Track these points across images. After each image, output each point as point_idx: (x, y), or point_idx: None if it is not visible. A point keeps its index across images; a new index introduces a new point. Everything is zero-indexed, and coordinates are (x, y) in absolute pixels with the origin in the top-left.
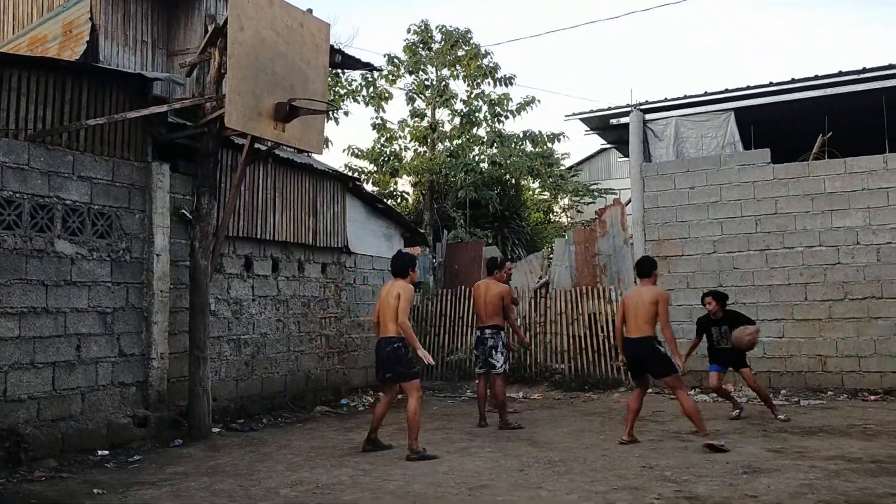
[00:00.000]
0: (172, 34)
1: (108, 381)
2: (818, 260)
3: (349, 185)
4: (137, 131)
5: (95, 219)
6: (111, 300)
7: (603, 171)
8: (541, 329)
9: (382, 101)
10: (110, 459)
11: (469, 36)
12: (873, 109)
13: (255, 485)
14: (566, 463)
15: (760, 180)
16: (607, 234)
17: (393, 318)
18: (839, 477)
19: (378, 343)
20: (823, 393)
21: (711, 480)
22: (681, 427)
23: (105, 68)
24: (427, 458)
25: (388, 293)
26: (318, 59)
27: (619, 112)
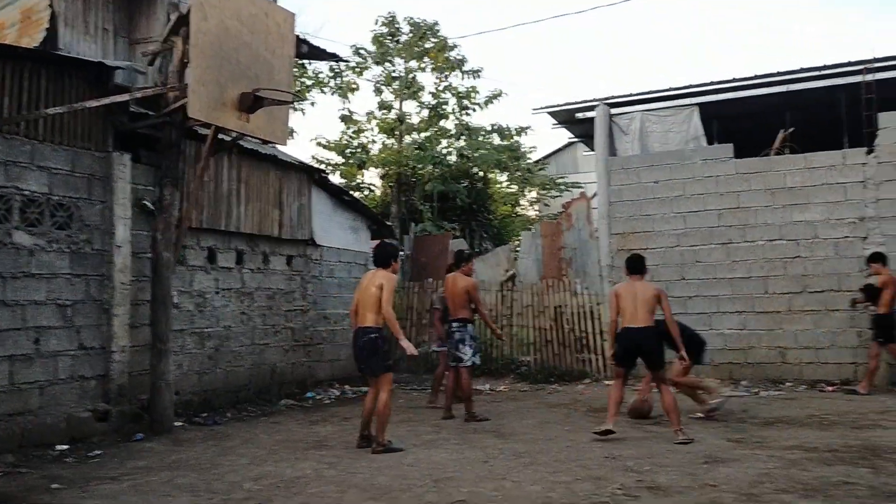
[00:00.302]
0: (134, 22)
1: (67, 375)
2: (778, 253)
3: (315, 177)
4: (98, 121)
5: (55, 210)
6: (71, 293)
7: (570, 164)
8: (507, 322)
9: (349, 93)
10: (70, 454)
11: (437, 28)
12: (833, 105)
13: (218, 479)
14: (531, 454)
15: (723, 175)
16: (573, 227)
17: (374, 309)
18: (797, 466)
19: (355, 333)
20: (783, 384)
21: (672, 470)
22: (643, 418)
23: (65, 56)
24: (393, 451)
25: (369, 282)
26: (283, 50)
27: (585, 106)
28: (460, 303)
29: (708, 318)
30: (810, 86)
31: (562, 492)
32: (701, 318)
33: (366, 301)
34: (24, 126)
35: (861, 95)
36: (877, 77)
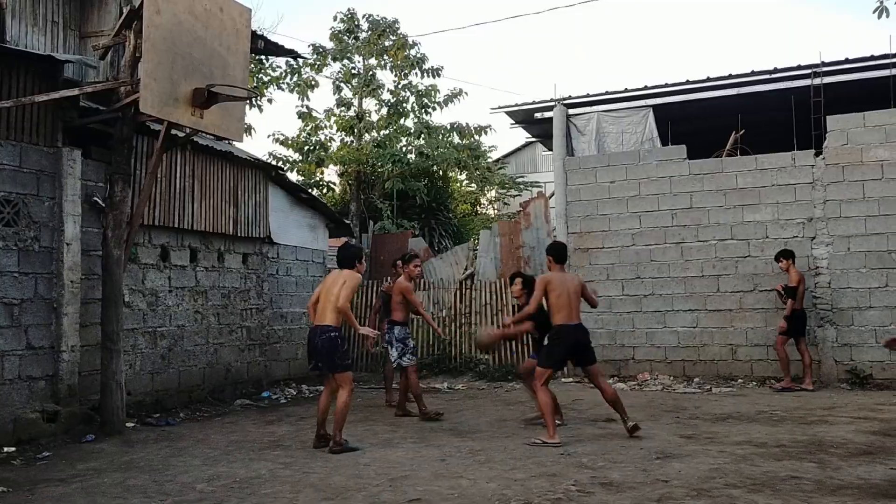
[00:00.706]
0: (85, 15)
1: (14, 375)
2: (730, 253)
3: (272, 174)
4: (47, 115)
5: (1, 206)
6: (18, 291)
7: (529, 164)
8: (466, 320)
9: (308, 90)
10: (17, 456)
11: (396, 26)
12: (783, 108)
13: (170, 480)
14: (487, 452)
15: (677, 175)
16: (531, 226)
17: (333, 307)
18: (746, 461)
19: (312, 331)
20: (734, 381)
21: (626, 466)
22: (598, 415)
23: (12, 49)
24: (350, 451)
25: (333, 282)
26: (238, 45)
27: (543, 106)
28: (394, 304)
29: (662, 316)
30: (762, 88)
31: (517, 489)
32: (655, 316)
33: (327, 298)
34: None
35: (811, 98)
36: (825, 81)
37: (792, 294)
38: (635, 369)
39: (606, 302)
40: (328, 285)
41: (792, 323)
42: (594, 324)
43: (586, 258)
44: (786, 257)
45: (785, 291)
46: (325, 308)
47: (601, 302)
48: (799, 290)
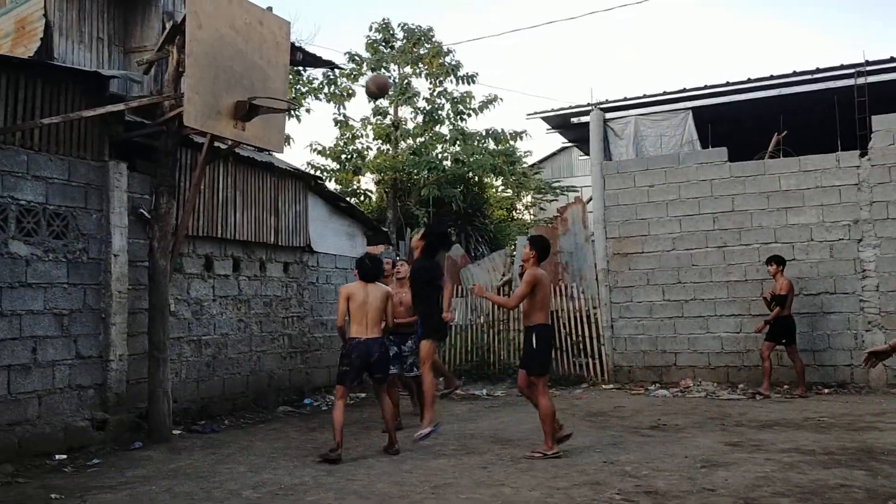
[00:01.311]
0: (129, 31)
1: (65, 384)
2: None
3: (311, 184)
4: (94, 130)
5: (51, 219)
6: (68, 302)
7: (565, 168)
8: (503, 327)
9: (344, 99)
10: (68, 464)
11: (431, 34)
12: (827, 108)
13: (217, 487)
14: (529, 460)
15: (718, 178)
16: (569, 231)
17: (380, 321)
18: (794, 469)
19: (366, 344)
20: (780, 387)
21: (670, 475)
22: (641, 422)
23: (60, 66)
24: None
25: (373, 296)
26: (278, 58)
27: (579, 111)
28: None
29: (704, 322)
30: (804, 89)
31: (560, 497)
32: (697, 322)
33: (374, 315)
34: (20, 136)
35: (854, 98)
36: (869, 80)
37: (781, 302)
38: (677, 375)
39: (647, 307)
40: (367, 299)
41: (781, 330)
42: (634, 329)
43: (626, 263)
44: (777, 263)
45: (773, 299)
46: (373, 321)
47: (641, 307)
48: (788, 298)
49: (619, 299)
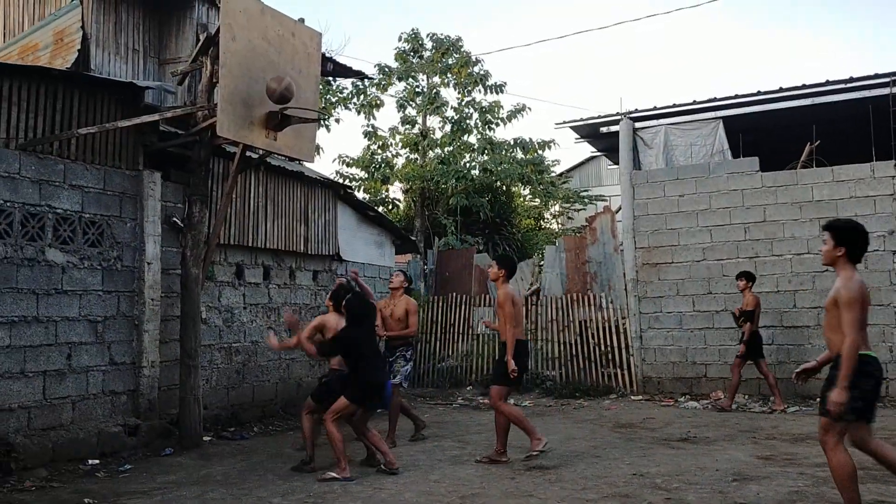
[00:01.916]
0: (164, 42)
1: (98, 390)
2: (806, 267)
3: (340, 193)
4: (129, 140)
5: (87, 227)
6: (102, 309)
7: (593, 177)
8: (531, 336)
9: (373, 109)
10: (101, 468)
11: (460, 44)
12: (860, 118)
13: (247, 493)
14: (557, 471)
15: (749, 188)
16: (598, 241)
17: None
18: (827, 484)
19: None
20: (812, 400)
21: (701, 488)
22: (671, 434)
23: (96, 77)
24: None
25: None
26: (309, 68)
27: (608, 120)
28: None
29: (736, 333)
30: (837, 98)
31: None
32: (728, 333)
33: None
34: (57, 146)
35: (890, 108)
36: None
37: (749, 317)
38: (708, 387)
39: (677, 318)
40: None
41: (750, 346)
42: (664, 340)
43: (655, 273)
44: (746, 279)
45: (741, 315)
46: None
47: (671, 318)
48: (756, 313)
49: (648, 310)
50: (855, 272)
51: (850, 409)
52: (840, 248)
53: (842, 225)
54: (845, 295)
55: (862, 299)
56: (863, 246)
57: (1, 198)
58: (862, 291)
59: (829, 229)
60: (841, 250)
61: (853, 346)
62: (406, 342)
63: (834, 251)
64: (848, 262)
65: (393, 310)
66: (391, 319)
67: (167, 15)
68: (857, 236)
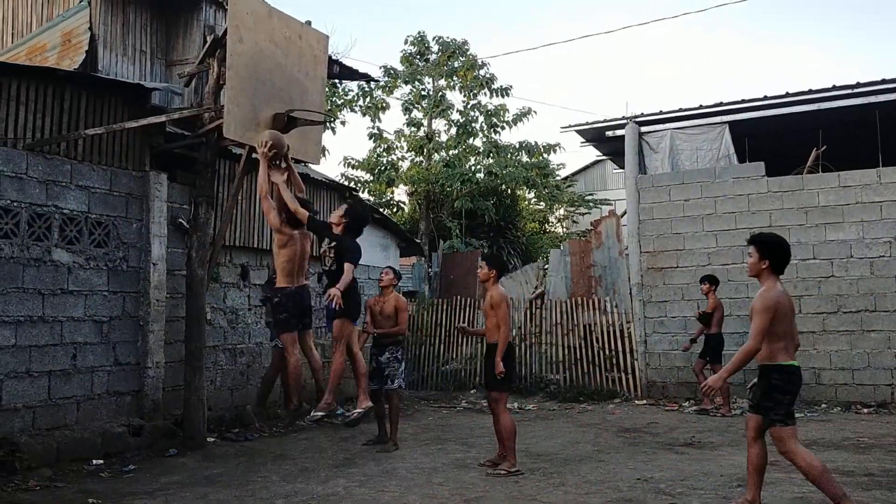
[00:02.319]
0: (171, 44)
1: (103, 390)
2: (812, 273)
3: (345, 195)
4: (135, 141)
5: (93, 228)
6: (107, 309)
7: (598, 181)
8: (536, 339)
9: (379, 111)
10: (105, 469)
11: (466, 47)
12: (867, 123)
13: (250, 495)
14: (561, 475)
15: (755, 193)
16: (603, 245)
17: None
18: None
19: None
20: (817, 405)
21: (705, 493)
22: (675, 439)
23: (104, 78)
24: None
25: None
26: (316, 71)
27: (614, 124)
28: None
29: (741, 338)
30: (843, 104)
31: None
32: (733, 338)
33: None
34: (65, 146)
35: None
36: None
37: (707, 320)
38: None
39: (681, 322)
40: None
41: (706, 347)
42: (668, 345)
43: (660, 277)
44: (710, 283)
45: (701, 317)
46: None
47: (676, 323)
48: (715, 315)
49: (652, 314)
50: (777, 283)
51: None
52: (764, 260)
53: (766, 239)
54: (760, 304)
55: (776, 309)
56: (785, 259)
57: (8, 198)
58: (779, 301)
59: (754, 243)
60: (765, 263)
61: (749, 350)
62: (395, 341)
63: (759, 264)
64: (771, 274)
65: (383, 307)
66: (380, 316)
67: (175, 16)
68: (780, 250)
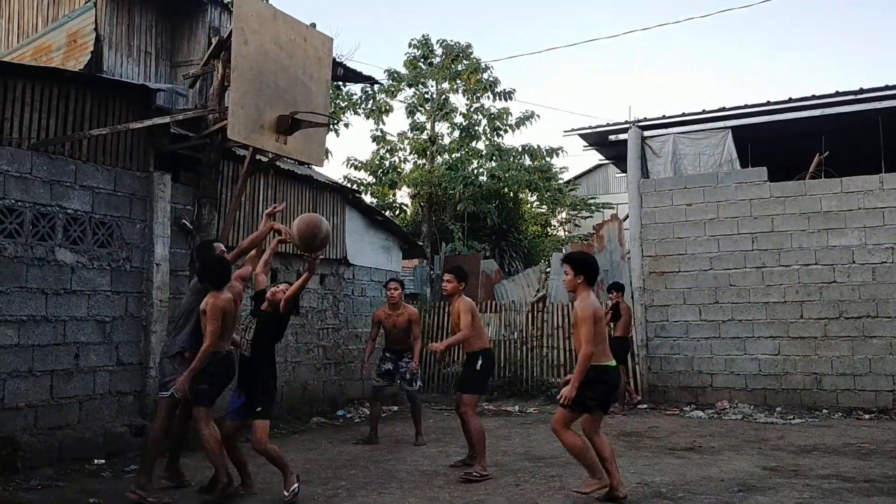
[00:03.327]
0: (176, 45)
1: (105, 390)
2: (814, 278)
3: (349, 197)
4: (140, 141)
5: (96, 228)
6: (110, 309)
7: (601, 185)
8: (537, 343)
9: (383, 114)
10: (106, 468)
11: (469, 51)
12: (870, 129)
13: (251, 497)
14: (562, 478)
15: (757, 198)
16: (605, 249)
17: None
18: (834, 496)
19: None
20: (818, 411)
21: (706, 498)
22: (676, 443)
23: (108, 78)
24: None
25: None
26: (320, 73)
27: (617, 129)
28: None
29: (742, 343)
30: (846, 109)
31: None
32: (735, 343)
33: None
34: (69, 146)
35: None
36: None
37: (615, 318)
38: (713, 397)
39: (683, 327)
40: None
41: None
42: (670, 349)
43: (662, 282)
44: (616, 290)
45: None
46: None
47: (677, 327)
48: (622, 319)
49: (654, 318)
50: (591, 294)
51: (580, 404)
52: (580, 276)
53: (578, 258)
54: (582, 313)
55: (594, 316)
56: (595, 273)
57: (12, 197)
58: (595, 310)
59: (569, 262)
60: (580, 278)
61: (585, 355)
62: (408, 348)
63: (575, 279)
64: (586, 287)
65: (395, 320)
66: (395, 329)
67: (180, 18)
68: (590, 267)
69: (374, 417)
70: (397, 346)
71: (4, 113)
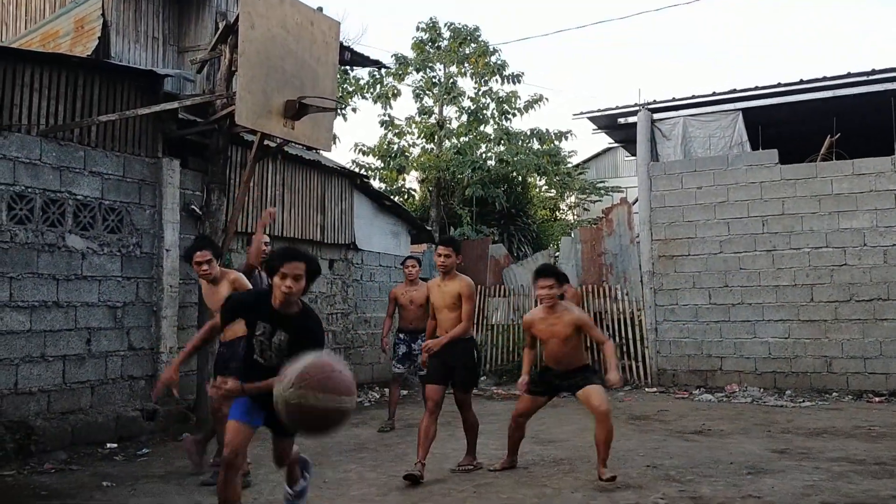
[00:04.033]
0: (183, 30)
1: (117, 375)
2: (825, 261)
3: (357, 182)
4: (148, 127)
5: (106, 214)
6: (121, 294)
7: (610, 168)
8: None
9: (390, 98)
10: (119, 452)
11: (477, 34)
12: (882, 111)
13: (263, 479)
14: (571, 461)
15: (768, 181)
16: (614, 233)
17: None
18: (843, 478)
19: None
20: (828, 394)
21: (716, 480)
22: (685, 426)
23: (117, 64)
24: None
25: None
26: (328, 57)
27: (626, 111)
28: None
29: (752, 326)
30: (858, 91)
31: (603, 500)
32: (744, 326)
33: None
34: (78, 133)
35: None
36: None
37: None
38: (723, 380)
39: (693, 310)
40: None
41: None
42: (679, 332)
43: (671, 265)
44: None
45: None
46: None
47: (687, 310)
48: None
49: (663, 302)
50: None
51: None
52: (459, 256)
53: (454, 240)
54: (468, 291)
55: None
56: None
57: (22, 184)
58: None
59: (448, 244)
60: (460, 258)
61: (466, 329)
62: (422, 329)
63: (456, 259)
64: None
65: (413, 296)
66: (412, 305)
67: (187, 3)
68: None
69: (393, 403)
70: (410, 326)
71: (13, 99)
